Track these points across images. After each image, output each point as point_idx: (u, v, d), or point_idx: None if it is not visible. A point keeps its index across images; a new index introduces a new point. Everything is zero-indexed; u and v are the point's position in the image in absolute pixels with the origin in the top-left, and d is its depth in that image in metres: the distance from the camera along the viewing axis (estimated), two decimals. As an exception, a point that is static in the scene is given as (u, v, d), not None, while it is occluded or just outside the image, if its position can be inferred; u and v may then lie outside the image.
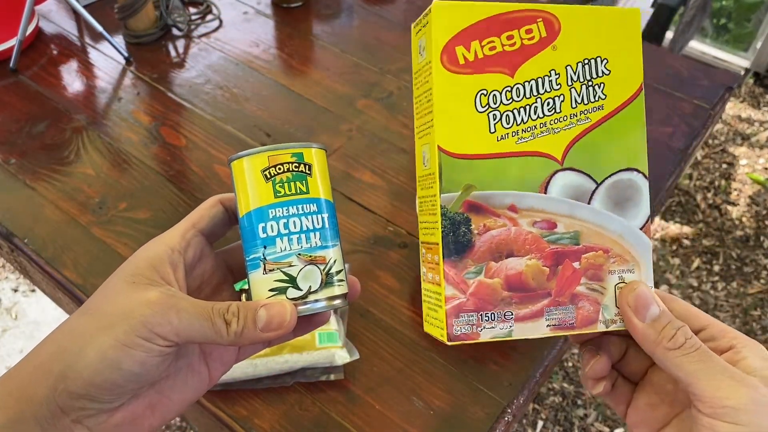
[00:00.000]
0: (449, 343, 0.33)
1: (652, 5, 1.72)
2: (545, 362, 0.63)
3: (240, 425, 0.57)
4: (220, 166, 0.82)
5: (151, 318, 0.30)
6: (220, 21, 1.07)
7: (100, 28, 0.97)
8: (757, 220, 1.85)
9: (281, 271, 0.34)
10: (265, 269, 0.34)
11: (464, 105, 0.33)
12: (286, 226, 0.34)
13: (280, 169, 0.34)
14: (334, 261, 0.35)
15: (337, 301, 0.35)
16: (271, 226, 0.34)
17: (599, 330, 0.34)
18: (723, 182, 1.96)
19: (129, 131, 0.87)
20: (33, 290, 1.61)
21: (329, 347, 0.59)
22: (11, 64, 0.95)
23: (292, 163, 0.35)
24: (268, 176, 0.34)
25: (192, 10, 1.09)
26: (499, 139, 0.33)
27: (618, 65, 0.34)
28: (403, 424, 0.58)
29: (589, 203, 0.34)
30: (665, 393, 0.36)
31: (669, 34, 1.88)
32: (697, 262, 1.74)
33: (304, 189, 0.35)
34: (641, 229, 0.35)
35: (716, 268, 1.73)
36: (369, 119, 0.89)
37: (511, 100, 0.33)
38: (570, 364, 1.50)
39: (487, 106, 0.33)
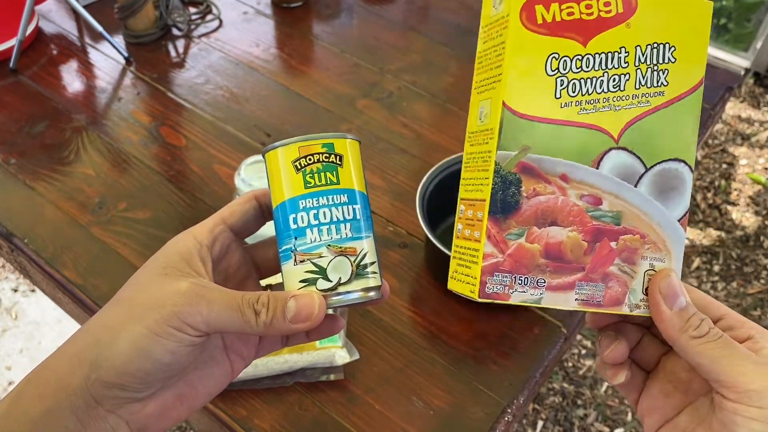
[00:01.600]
0: (479, 300, 0.32)
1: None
2: (545, 362, 0.63)
3: (240, 425, 0.57)
4: (220, 165, 0.82)
5: (182, 308, 0.31)
6: (220, 21, 1.07)
7: (100, 28, 0.97)
8: (757, 220, 1.85)
9: (311, 262, 0.34)
10: (295, 260, 0.34)
11: (535, 65, 0.33)
12: (316, 216, 0.34)
13: (310, 159, 0.34)
14: (366, 252, 0.35)
15: (372, 293, 0.35)
16: (302, 216, 0.34)
17: (623, 312, 0.34)
18: (723, 182, 1.96)
19: (129, 131, 0.87)
20: (33, 290, 1.61)
21: (329, 347, 0.59)
22: (11, 64, 0.95)
23: (323, 153, 0.35)
24: (299, 167, 0.34)
25: (192, 10, 1.09)
26: (563, 105, 0.33)
27: (684, 55, 0.34)
28: (403, 424, 0.58)
29: (635, 186, 0.34)
30: (679, 381, 0.36)
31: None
32: (697, 262, 1.74)
33: (334, 179, 0.35)
34: (679, 220, 0.35)
35: (716, 268, 1.73)
36: (369, 119, 0.89)
37: (580, 69, 0.33)
38: (570, 364, 1.50)
39: (556, 71, 0.33)
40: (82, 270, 0.69)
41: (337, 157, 0.35)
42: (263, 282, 0.40)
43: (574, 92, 0.33)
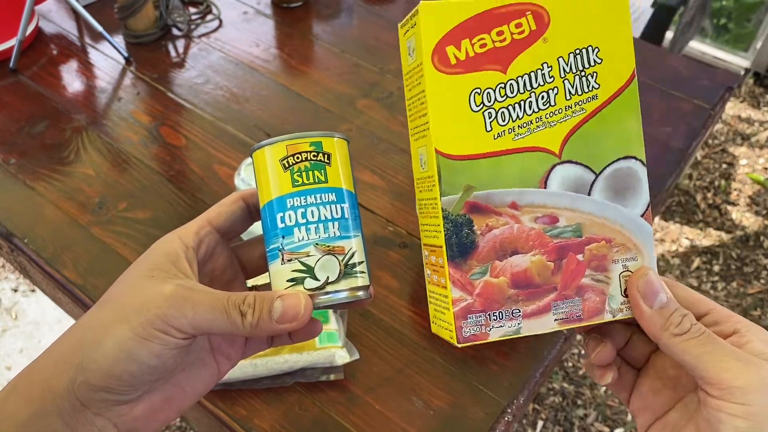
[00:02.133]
0: (459, 346, 0.33)
1: (652, 5, 1.72)
2: (545, 362, 0.63)
3: (240, 425, 0.57)
4: (220, 165, 0.82)
5: (167, 311, 0.30)
6: (220, 21, 1.07)
7: (100, 28, 0.97)
8: (757, 220, 1.85)
9: (299, 261, 0.34)
10: (283, 259, 0.34)
11: (459, 105, 0.33)
12: (303, 215, 0.34)
13: (298, 158, 0.34)
14: (354, 251, 0.35)
15: (360, 293, 0.35)
16: (290, 215, 0.34)
17: (606, 320, 0.34)
18: (723, 182, 1.96)
19: (129, 131, 0.87)
20: (33, 290, 1.61)
21: (329, 347, 0.59)
22: (11, 64, 0.95)
23: (311, 152, 0.34)
24: (287, 165, 0.34)
25: (192, 10, 1.09)
26: (495, 137, 0.33)
27: (610, 53, 0.34)
28: (403, 424, 0.58)
29: (589, 194, 0.34)
30: (668, 378, 0.36)
31: (669, 34, 1.88)
32: (697, 262, 1.74)
33: (322, 178, 0.34)
34: (642, 216, 0.35)
35: (716, 268, 1.73)
36: (369, 119, 0.89)
37: (505, 97, 0.33)
38: (570, 364, 1.50)
39: (482, 105, 0.33)
40: (82, 270, 0.69)
41: (325, 155, 0.35)
42: (249, 282, 0.40)
43: (504, 121, 0.33)
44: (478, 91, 0.33)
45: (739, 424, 0.29)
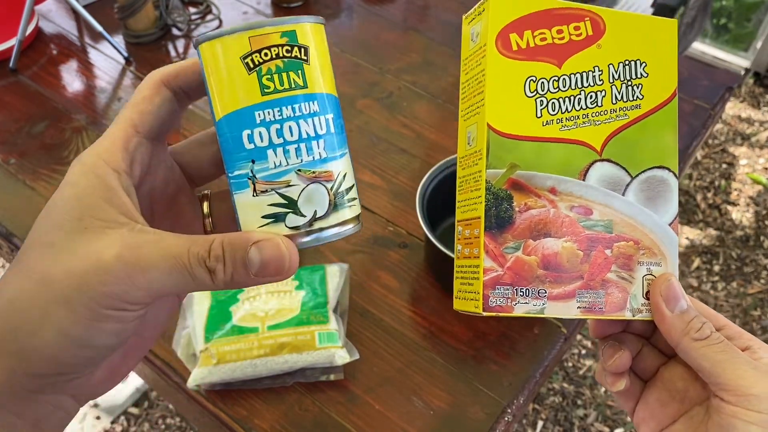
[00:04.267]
0: (484, 314, 0.33)
1: (652, 5, 1.72)
2: (545, 362, 0.63)
3: (240, 425, 0.57)
4: (220, 166, 0.82)
5: (115, 287, 0.25)
6: (220, 21, 1.07)
7: (99, 27, 0.97)
8: (757, 220, 1.85)
9: (277, 192, 0.27)
10: (255, 190, 0.27)
11: (514, 88, 0.34)
12: (279, 133, 0.27)
13: (266, 55, 0.27)
14: (344, 175, 0.29)
15: (349, 227, 0.29)
16: (260, 133, 0.27)
17: (626, 317, 0.35)
18: (723, 182, 1.96)
19: (129, 131, 0.87)
20: (33, 290, 1.61)
21: (329, 347, 0.59)
22: (11, 64, 0.95)
23: (283, 46, 0.27)
24: (252, 65, 0.26)
25: (192, 9, 1.09)
26: (544, 124, 0.35)
27: (655, 70, 0.37)
28: (403, 425, 0.57)
29: (623, 195, 0.36)
30: (676, 390, 0.36)
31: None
32: (697, 262, 1.74)
33: (300, 82, 0.27)
34: (670, 225, 0.36)
35: (716, 268, 1.73)
36: (369, 119, 0.89)
37: (557, 89, 0.35)
38: (570, 364, 1.50)
39: (535, 92, 0.35)
40: (82, 270, 0.69)
41: (302, 50, 0.27)
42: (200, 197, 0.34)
43: (554, 111, 0.35)
44: (534, 78, 0.34)
45: (753, 431, 0.30)
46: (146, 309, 0.27)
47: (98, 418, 1.34)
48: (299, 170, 0.27)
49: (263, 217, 0.27)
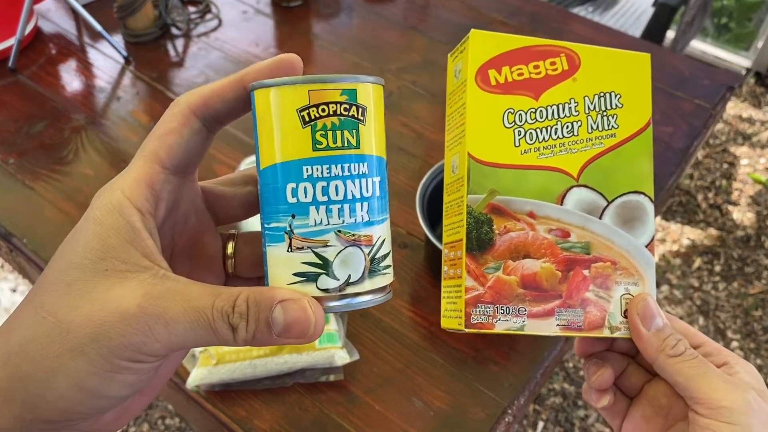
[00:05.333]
0: (466, 330, 0.35)
1: (653, 5, 1.71)
2: (545, 363, 0.62)
3: (239, 426, 0.57)
4: (220, 165, 0.82)
5: (133, 338, 0.24)
6: (220, 20, 1.07)
7: (99, 27, 0.97)
8: (758, 220, 1.85)
9: (313, 251, 0.26)
10: (290, 246, 0.26)
11: (493, 120, 0.36)
12: (325, 191, 0.26)
13: (324, 111, 0.26)
14: (383, 241, 0.28)
15: (380, 295, 0.28)
16: (305, 188, 0.26)
17: (604, 335, 0.37)
18: (724, 182, 1.96)
19: (128, 131, 0.86)
20: (33, 290, 1.61)
21: (329, 348, 0.59)
22: (10, 64, 0.94)
23: (342, 103, 0.26)
24: (307, 119, 0.26)
25: (191, 9, 1.08)
26: (522, 152, 0.37)
27: (630, 100, 0.38)
28: (403, 425, 0.57)
29: (600, 218, 0.37)
30: (660, 407, 0.37)
31: (670, 34, 1.88)
32: (698, 262, 1.74)
33: (353, 141, 0.26)
34: (646, 246, 0.38)
35: (717, 268, 1.73)
36: (369, 119, 0.89)
37: (534, 120, 0.37)
38: (570, 364, 1.49)
39: (513, 123, 0.37)
40: (81, 270, 0.69)
41: (359, 110, 0.27)
42: (223, 233, 0.32)
43: (531, 140, 0.37)
44: (512, 111, 0.37)
45: None
46: (163, 360, 0.26)
47: (98, 418, 1.34)
48: (339, 231, 0.26)
49: (294, 274, 0.26)
